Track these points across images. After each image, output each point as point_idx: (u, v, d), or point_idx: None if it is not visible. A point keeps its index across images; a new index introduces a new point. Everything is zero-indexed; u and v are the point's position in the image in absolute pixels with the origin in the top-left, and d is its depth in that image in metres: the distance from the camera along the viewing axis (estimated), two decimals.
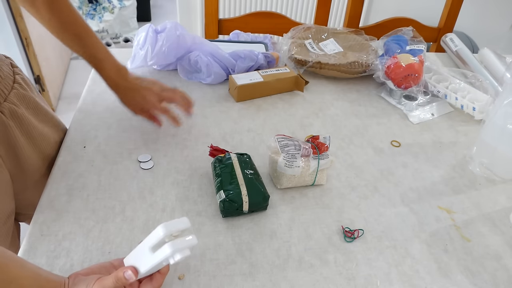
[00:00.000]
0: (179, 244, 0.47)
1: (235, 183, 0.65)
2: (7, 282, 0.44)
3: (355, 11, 1.36)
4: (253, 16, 1.36)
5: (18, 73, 0.73)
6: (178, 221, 0.48)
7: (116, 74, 0.76)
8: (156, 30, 0.97)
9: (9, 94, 0.68)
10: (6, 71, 0.69)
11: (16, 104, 0.68)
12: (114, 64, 0.76)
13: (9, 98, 0.67)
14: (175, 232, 0.47)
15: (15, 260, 0.47)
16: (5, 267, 0.45)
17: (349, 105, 0.96)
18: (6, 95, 0.67)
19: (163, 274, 0.50)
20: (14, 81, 0.70)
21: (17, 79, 0.71)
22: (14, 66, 0.73)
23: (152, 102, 0.77)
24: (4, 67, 0.69)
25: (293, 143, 0.68)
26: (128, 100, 0.78)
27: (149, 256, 0.47)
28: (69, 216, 0.64)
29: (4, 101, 0.66)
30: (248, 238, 0.63)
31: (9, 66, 0.71)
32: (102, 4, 2.81)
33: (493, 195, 0.75)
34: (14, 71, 0.72)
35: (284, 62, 1.05)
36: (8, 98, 0.67)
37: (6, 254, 0.46)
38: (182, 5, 2.30)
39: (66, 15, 0.71)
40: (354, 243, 0.64)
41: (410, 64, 0.94)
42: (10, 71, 0.71)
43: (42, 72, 2.03)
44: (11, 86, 0.69)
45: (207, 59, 0.95)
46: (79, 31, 0.72)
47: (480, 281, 0.60)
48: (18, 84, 0.71)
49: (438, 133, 0.89)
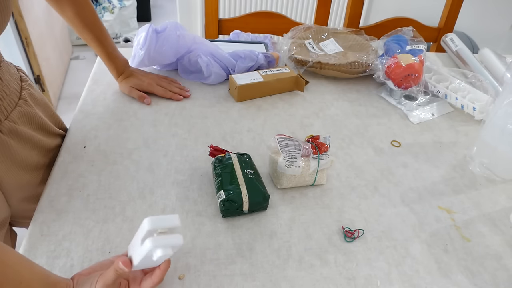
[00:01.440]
0: (162, 241, 0.46)
1: (235, 183, 0.65)
2: (17, 282, 0.45)
3: (355, 11, 1.36)
4: (253, 16, 1.36)
5: (26, 88, 0.72)
6: (167, 218, 0.47)
7: (123, 67, 0.92)
8: (156, 30, 0.97)
9: (11, 112, 0.67)
10: (13, 87, 0.68)
11: (17, 122, 0.67)
12: (123, 59, 0.92)
13: (10, 116, 0.66)
14: (162, 228, 0.47)
15: (25, 261, 0.48)
16: (16, 267, 0.46)
17: (349, 105, 0.96)
18: (8, 113, 0.66)
19: (163, 270, 0.50)
20: (20, 97, 0.70)
21: (23, 95, 0.70)
22: (24, 80, 0.73)
23: (148, 82, 0.92)
24: (11, 83, 0.68)
25: (293, 143, 0.68)
26: (127, 82, 0.92)
27: (138, 249, 0.47)
28: (69, 216, 0.64)
29: (5, 119, 0.65)
30: (248, 238, 0.63)
31: (18, 81, 0.71)
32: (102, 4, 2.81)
33: (493, 195, 0.75)
34: (22, 86, 0.71)
35: (284, 62, 1.05)
36: (9, 117, 0.66)
37: (16, 255, 0.47)
38: (182, 5, 2.30)
39: (87, 16, 0.82)
40: (354, 243, 0.64)
41: (410, 64, 0.94)
42: (18, 86, 0.70)
43: (42, 72, 2.04)
44: (15, 103, 0.68)
45: (207, 59, 0.95)
46: (98, 33, 0.84)
47: (480, 281, 0.60)
48: (23, 101, 0.70)
49: (438, 133, 0.89)
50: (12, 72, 0.70)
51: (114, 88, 0.94)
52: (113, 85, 0.94)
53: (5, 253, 0.46)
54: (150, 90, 0.91)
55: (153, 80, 0.93)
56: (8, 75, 0.68)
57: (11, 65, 0.71)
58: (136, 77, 0.92)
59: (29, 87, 0.73)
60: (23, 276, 0.46)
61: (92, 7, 0.82)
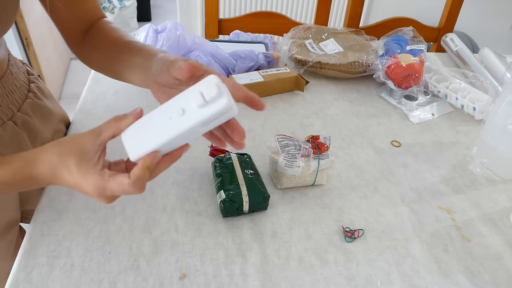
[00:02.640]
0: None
1: (236, 183, 0.65)
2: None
3: (355, 11, 1.36)
4: (253, 16, 1.36)
5: (34, 81, 0.72)
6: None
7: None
8: (156, 30, 0.97)
9: (23, 104, 0.67)
10: (21, 80, 0.69)
11: (29, 114, 0.68)
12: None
13: (22, 108, 0.67)
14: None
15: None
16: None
17: (349, 105, 0.96)
18: (20, 105, 0.67)
19: (174, 157, 0.45)
20: (29, 90, 0.70)
21: (31, 88, 0.71)
22: (30, 73, 0.73)
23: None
24: (20, 76, 0.69)
25: (293, 143, 0.68)
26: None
27: (178, 122, 0.40)
28: (69, 216, 0.64)
29: (17, 111, 0.66)
30: (248, 238, 0.63)
31: (25, 74, 0.71)
32: (102, 4, 2.81)
33: (493, 195, 0.75)
34: (29, 79, 0.72)
35: (284, 62, 1.05)
36: (21, 108, 0.67)
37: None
38: (182, 5, 2.30)
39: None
40: (354, 243, 0.64)
41: (410, 64, 0.94)
42: (26, 79, 0.70)
43: (42, 72, 2.04)
44: (25, 95, 0.69)
45: (207, 59, 0.95)
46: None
47: (480, 281, 0.60)
48: (32, 93, 0.70)
49: (439, 133, 0.89)
50: (19, 66, 0.71)
51: (114, 88, 0.94)
52: (113, 85, 0.94)
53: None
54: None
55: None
56: (17, 68, 0.69)
57: (17, 59, 0.72)
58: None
59: (36, 80, 0.74)
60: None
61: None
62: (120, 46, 0.59)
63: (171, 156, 0.46)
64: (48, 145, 0.44)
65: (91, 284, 0.55)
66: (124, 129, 0.44)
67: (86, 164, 0.43)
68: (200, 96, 0.40)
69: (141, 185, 0.44)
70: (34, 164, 0.43)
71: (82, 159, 0.42)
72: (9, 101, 0.64)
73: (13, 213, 0.69)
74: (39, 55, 2.01)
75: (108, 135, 0.44)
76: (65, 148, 0.43)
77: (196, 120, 0.40)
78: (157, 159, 0.43)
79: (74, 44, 0.65)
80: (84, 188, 0.43)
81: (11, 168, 0.44)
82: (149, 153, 0.43)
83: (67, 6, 0.61)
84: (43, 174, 0.44)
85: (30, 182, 0.44)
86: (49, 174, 0.43)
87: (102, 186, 0.43)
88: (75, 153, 0.42)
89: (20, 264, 0.57)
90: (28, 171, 0.43)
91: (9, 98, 0.64)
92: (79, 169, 0.42)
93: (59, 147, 0.43)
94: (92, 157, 0.43)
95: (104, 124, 0.44)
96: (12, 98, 0.65)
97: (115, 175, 0.43)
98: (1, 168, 0.44)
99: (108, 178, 0.43)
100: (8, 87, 0.64)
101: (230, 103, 0.39)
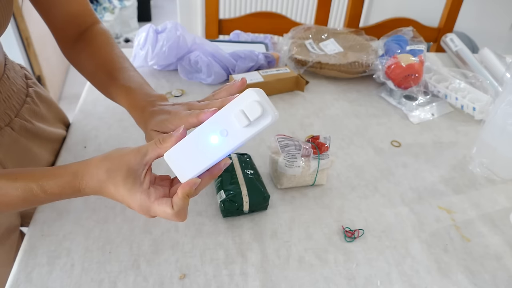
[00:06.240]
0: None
1: (236, 183, 0.65)
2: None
3: (355, 11, 1.36)
4: (253, 16, 1.36)
5: (31, 86, 0.72)
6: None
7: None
8: (157, 30, 0.97)
9: (20, 109, 0.67)
10: (19, 84, 0.68)
11: (28, 120, 0.67)
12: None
13: (20, 113, 0.66)
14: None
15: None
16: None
17: (349, 105, 0.96)
18: (18, 110, 0.66)
19: (214, 174, 0.46)
20: (27, 94, 0.70)
21: (29, 93, 0.70)
22: (29, 77, 0.72)
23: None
24: (17, 80, 0.68)
25: (293, 143, 0.68)
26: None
27: (223, 143, 0.40)
28: (69, 216, 0.64)
29: (15, 116, 0.65)
30: (248, 238, 0.63)
31: (23, 78, 0.70)
32: (102, 4, 2.81)
33: (493, 195, 0.75)
34: (27, 83, 0.71)
35: (284, 62, 1.05)
36: (19, 114, 0.66)
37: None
38: (183, 5, 2.30)
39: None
40: (354, 243, 0.64)
41: (410, 64, 0.94)
42: (24, 83, 0.70)
43: (42, 72, 2.04)
44: (23, 100, 0.68)
45: (208, 59, 0.95)
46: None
47: (480, 281, 0.60)
48: (30, 98, 0.70)
49: (438, 133, 0.89)
50: (17, 70, 0.70)
51: None
52: None
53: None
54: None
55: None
56: (14, 72, 0.68)
57: (15, 63, 0.71)
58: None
59: (34, 84, 0.73)
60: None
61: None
62: (107, 74, 0.59)
63: (211, 173, 0.46)
64: (96, 160, 0.46)
65: (91, 284, 0.55)
66: (168, 149, 0.45)
67: (132, 181, 0.44)
68: (243, 117, 0.39)
69: (184, 215, 0.45)
70: (82, 178, 0.45)
71: (129, 177, 0.44)
72: (6, 106, 0.63)
73: (13, 218, 0.69)
74: (40, 55, 2.01)
75: (154, 156, 0.45)
76: (113, 164, 0.45)
77: (241, 139, 0.40)
78: (196, 185, 0.44)
79: (65, 47, 0.65)
80: (130, 205, 0.45)
81: (61, 182, 0.46)
82: (189, 181, 0.44)
83: (54, 9, 0.62)
84: (91, 188, 0.46)
85: (78, 194, 0.47)
86: (97, 187, 0.45)
87: (147, 207, 0.45)
88: (122, 169, 0.44)
89: (20, 264, 0.57)
90: (76, 184, 0.46)
91: (7, 103, 0.64)
92: (125, 185, 0.44)
93: (107, 162, 0.45)
94: (139, 176, 0.44)
95: (149, 144, 0.46)
96: (10, 104, 0.64)
97: (160, 201, 0.44)
98: (51, 181, 0.46)
99: (154, 201, 0.44)
100: (5, 92, 0.64)
101: (274, 118, 0.38)
